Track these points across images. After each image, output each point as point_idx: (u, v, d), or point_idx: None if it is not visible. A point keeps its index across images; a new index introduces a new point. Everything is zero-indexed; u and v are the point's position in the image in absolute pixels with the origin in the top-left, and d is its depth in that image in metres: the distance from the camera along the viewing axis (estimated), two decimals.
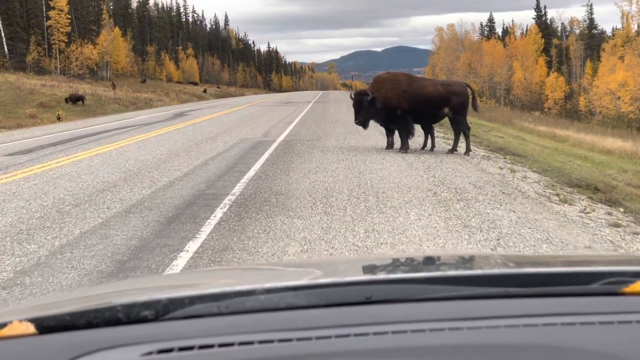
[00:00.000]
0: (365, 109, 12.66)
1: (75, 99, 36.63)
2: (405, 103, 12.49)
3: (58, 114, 30.15)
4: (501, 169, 10.65)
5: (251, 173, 9.77)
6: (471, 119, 29.34)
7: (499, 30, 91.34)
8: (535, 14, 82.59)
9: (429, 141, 13.20)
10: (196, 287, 1.36)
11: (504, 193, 8.25)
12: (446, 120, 13.21)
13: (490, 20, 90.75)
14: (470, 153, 12.53)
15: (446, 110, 12.47)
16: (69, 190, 8.26)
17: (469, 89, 12.89)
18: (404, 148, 12.71)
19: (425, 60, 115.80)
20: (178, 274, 3.82)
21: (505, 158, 12.47)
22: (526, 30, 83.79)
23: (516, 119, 36.90)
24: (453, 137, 13.23)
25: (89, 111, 34.93)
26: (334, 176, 9.48)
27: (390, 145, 13.25)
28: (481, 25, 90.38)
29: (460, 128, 12.74)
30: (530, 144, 19.36)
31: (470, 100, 12.80)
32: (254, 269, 2.02)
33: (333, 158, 11.69)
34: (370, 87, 13.33)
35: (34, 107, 33.15)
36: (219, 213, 6.85)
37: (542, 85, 72.47)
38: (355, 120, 12.99)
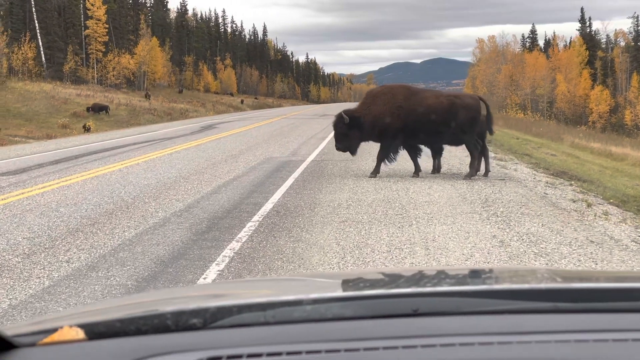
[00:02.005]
0: (344, 133, 10.91)
1: (98, 109, 35.49)
2: (398, 121, 10.61)
3: (85, 125, 29.03)
4: (574, 201, 8.67)
5: (268, 206, 7.95)
6: (517, 133, 27.38)
7: (540, 42, 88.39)
8: (580, 25, 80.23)
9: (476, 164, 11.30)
10: (241, 296, 1.33)
11: (592, 242, 6.30)
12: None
13: (533, 32, 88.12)
14: (489, 174, 10.97)
15: (452, 125, 10.54)
16: (33, 231, 6.51)
17: (482, 103, 10.92)
18: (375, 172, 10.86)
19: (464, 72, 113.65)
20: (220, 283, 3.62)
21: (571, 184, 10.52)
22: (569, 42, 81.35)
23: (565, 134, 34.71)
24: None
25: (122, 122, 33.81)
26: (370, 213, 7.59)
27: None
28: (523, 37, 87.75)
29: (469, 147, 10.85)
30: (587, 164, 17.61)
31: (485, 118, 10.84)
32: (297, 280, 1.97)
33: (369, 186, 9.78)
34: (360, 103, 11.46)
35: (67, 117, 32.26)
36: (212, 272, 5.05)
37: (586, 99, 70.80)
38: (336, 146, 11.36)
